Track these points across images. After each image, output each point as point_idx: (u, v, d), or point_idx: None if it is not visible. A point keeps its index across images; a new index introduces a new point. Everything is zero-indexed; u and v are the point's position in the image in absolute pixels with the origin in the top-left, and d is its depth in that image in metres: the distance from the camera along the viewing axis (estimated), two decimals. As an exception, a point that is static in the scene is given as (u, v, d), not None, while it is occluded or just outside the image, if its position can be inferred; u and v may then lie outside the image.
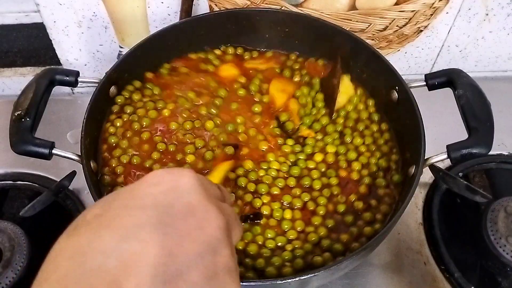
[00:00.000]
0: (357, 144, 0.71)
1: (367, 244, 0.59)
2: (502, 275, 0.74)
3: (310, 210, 0.65)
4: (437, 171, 0.71)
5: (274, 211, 0.65)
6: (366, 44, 0.74)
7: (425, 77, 0.70)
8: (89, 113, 0.67)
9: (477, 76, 0.69)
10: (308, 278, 0.54)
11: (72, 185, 0.72)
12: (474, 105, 0.64)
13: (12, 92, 0.99)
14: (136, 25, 0.88)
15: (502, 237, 0.71)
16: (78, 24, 0.88)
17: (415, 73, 1.01)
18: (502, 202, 0.74)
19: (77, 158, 0.64)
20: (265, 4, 0.84)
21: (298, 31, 0.80)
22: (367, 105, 0.76)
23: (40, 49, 0.94)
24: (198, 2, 0.87)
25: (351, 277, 0.73)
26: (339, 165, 0.70)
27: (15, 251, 0.70)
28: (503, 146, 0.88)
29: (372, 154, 0.70)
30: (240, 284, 0.37)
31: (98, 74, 0.80)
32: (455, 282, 0.72)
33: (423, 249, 0.77)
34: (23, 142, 0.62)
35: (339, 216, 0.65)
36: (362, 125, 0.73)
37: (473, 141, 0.62)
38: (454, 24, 0.91)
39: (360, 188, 0.67)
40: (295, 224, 0.64)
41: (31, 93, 0.65)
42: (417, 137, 0.64)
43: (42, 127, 0.66)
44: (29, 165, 0.84)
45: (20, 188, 0.84)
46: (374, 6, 0.83)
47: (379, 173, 0.69)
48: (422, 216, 0.80)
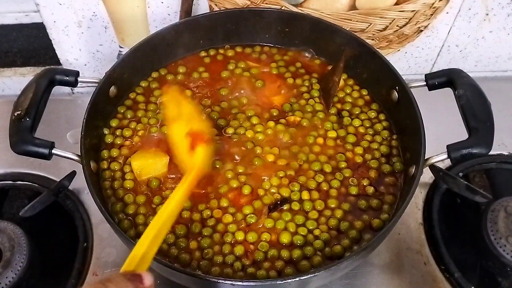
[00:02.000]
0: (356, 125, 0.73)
1: (367, 244, 0.59)
2: (502, 275, 0.74)
3: (324, 191, 0.67)
4: (437, 171, 0.71)
5: (292, 193, 0.66)
6: (366, 44, 0.74)
7: (425, 77, 0.70)
8: (89, 113, 0.67)
9: (477, 76, 0.69)
10: (308, 278, 0.54)
11: (72, 185, 0.72)
12: (474, 105, 0.64)
13: (12, 92, 0.99)
14: (136, 25, 0.88)
15: (502, 237, 0.71)
16: (78, 24, 0.88)
17: (415, 73, 1.01)
18: (502, 202, 0.74)
19: (77, 158, 0.64)
20: (265, 4, 0.83)
21: (298, 31, 0.80)
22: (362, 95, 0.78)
23: (40, 49, 0.94)
24: (198, 2, 0.87)
25: (351, 277, 0.73)
26: (346, 148, 0.71)
27: (15, 251, 0.70)
28: (503, 146, 0.88)
29: (373, 139, 0.72)
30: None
31: (98, 74, 0.80)
32: (455, 282, 0.72)
33: (423, 249, 0.76)
34: (23, 142, 0.62)
35: (353, 198, 0.66)
36: (358, 110, 0.75)
37: (473, 141, 0.62)
38: (454, 24, 0.91)
39: (370, 173, 0.69)
40: (315, 204, 0.65)
41: (31, 93, 0.65)
42: (417, 137, 0.64)
43: (42, 127, 0.66)
44: (29, 165, 0.84)
45: (20, 188, 0.84)
46: (374, 6, 0.83)
47: (381, 159, 0.70)
48: (422, 216, 0.80)
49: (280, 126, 0.73)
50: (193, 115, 0.69)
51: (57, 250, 0.78)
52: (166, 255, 0.62)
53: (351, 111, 0.75)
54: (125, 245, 0.62)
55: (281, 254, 0.61)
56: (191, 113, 0.69)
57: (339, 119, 0.74)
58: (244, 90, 0.77)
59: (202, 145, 0.64)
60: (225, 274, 0.60)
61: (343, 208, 0.65)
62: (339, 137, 0.72)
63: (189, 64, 0.81)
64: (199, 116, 0.71)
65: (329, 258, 0.61)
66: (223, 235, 0.63)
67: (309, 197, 0.66)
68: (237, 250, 0.62)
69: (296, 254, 0.61)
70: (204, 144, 0.65)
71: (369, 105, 0.76)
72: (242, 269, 0.61)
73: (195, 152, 0.64)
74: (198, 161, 0.63)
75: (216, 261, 0.61)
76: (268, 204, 0.65)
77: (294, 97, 0.77)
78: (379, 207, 0.66)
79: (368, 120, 0.74)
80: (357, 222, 0.64)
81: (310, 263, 0.60)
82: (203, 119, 0.71)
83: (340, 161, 0.70)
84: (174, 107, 0.71)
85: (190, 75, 0.79)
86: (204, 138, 0.65)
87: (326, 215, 0.65)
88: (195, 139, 0.65)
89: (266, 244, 0.62)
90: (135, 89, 0.77)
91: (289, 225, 0.63)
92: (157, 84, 0.78)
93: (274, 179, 0.67)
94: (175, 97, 0.73)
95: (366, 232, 0.64)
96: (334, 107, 0.75)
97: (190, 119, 0.68)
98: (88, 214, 0.79)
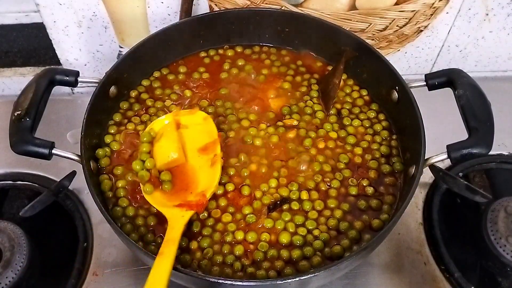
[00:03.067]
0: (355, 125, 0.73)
1: (367, 244, 0.59)
2: (502, 275, 0.74)
3: (323, 191, 0.67)
4: (437, 171, 0.71)
5: (291, 193, 0.66)
6: (366, 44, 0.74)
7: (425, 77, 0.70)
8: (89, 113, 0.67)
9: (477, 76, 0.69)
10: (308, 278, 0.54)
11: (72, 185, 0.72)
12: (474, 105, 0.64)
13: (12, 92, 0.99)
14: (136, 25, 0.88)
15: (502, 237, 0.71)
16: (78, 24, 0.88)
17: (415, 73, 1.01)
18: (502, 202, 0.74)
19: (77, 158, 0.64)
20: (265, 4, 0.84)
21: (298, 31, 0.80)
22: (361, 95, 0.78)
23: (40, 49, 0.94)
24: (198, 2, 0.87)
25: (351, 277, 0.73)
26: (345, 149, 0.71)
27: (15, 251, 0.70)
28: (503, 146, 0.88)
29: (373, 140, 0.72)
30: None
31: (98, 74, 0.80)
32: (455, 282, 0.72)
33: (423, 249, 0.76)
34: (23, 142, 0.62)
35: (353, 198, 0.66)
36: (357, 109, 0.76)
37: (473, 141, 0.62)
38: (454, 24, 0.91)
39: (370, 173, 0.69)
40: (315, 204, 0.65)
41: (31, 93, 0.65)
42: (417, 137, 0.64)
43: (42, 127, 0.66)
44: (29, 165, 0.84)
45: (20, 188, 0.84)
46: (374, 6, 0.83)
47: (381, 159, 0.70)
48: (422, 216, 0.80)
49: (280, 129, 0.72)
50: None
51: (57, 250, 0.78)
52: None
53: (351, 111, 0.75)
54: (125, 245, 0.62)
55: (281, 254, 0.61)
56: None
57: (339, 119, 0.74)
58: (243, 90, 0.77)
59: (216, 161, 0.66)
60: (225, 274, 0.60)
61: (343, 208, 0.65)
62: (339, 137, 0.72)
63: (189, 64, 0.81)
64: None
65: (328, 258, 0.61)
66: (223, 235, 0.63)
67: (308, 197, 0.66)
68: (237, 250, 0.62)
69: (295, 254, 0.61)
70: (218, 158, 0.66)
71: (369, 105, 0.76)
72: (242, 269, 0.61)
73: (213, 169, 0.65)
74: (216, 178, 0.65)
75: (216, 260, 0.61)
76: (268, 204, 0.65)
77: (294, 99, 0.76)
78: (379, 207, 0.66)
79: (368, 120, 0.74)
80: (357, 222, 0.64)
81: (310, 263, 0.60)
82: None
83: (340, 162, 0.70)
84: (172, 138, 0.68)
85: (190, 75, 0.79)
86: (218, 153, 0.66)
87: (325, 215, 0.65)
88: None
89: (265, 244, 0.62)
90: (136, 88, 0.77)
91: (289, 225, 0.63)
92: (159, 84, 0.78)
93: (272, 181, 0.67)
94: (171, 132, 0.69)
95: (365, 232, 0.64)
96: (334, 108, 0.75)
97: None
98: (88, 214, 0.79)
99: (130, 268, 0.74)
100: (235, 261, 0.61)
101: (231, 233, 0.63)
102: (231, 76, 0.79)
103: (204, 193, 0.63)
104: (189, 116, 0.71)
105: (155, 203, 0.64)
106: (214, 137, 0.68)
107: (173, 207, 0.62)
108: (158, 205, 0.63)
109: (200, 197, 0.63)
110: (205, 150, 0.67)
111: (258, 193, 0.66)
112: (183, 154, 0.66)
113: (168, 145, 0.66)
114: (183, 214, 0.61)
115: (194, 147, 0.68)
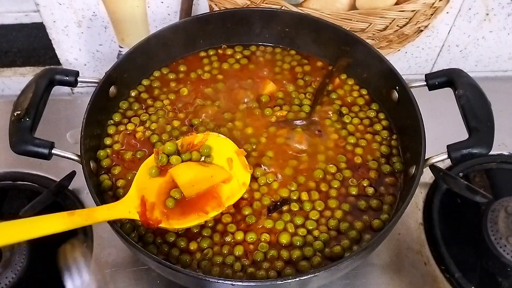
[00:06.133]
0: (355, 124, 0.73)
1: (367, 244, 0.59)
2: (502, 275, 0.73)
3: (324, 192, 0.67)
4: (438, 171, 0.71)
5: (291, 193, 0.66)
6: (366, 44, 0.74)
7: (425, 77, 0.70)
8: (89, 113, 0.67)
9: (477, 76, 0.69)
10: (308, 278, 0.54)
11: (72, 185, 0.72)
12: (474, 105, 0.64)
13: (12, 92, 0.99)
14: (136, 25, 0.88)
15: (502, 237, 0.71)
16: (77, 24, 0.88)
17: (415, 73, 1.01)
18: (503, 202, 0.74)
19: (77, 158, 0.64)
20: (265, 4, 0.84)
21: (298, 31, 0.80)
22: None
23: (40, 49, 0.93)
24: (198, 2, 0.87)
25: (351, 277, 0.73)
26: (346, 149, 0.71)
27: (15, 251, 0.70)
28: (503, 146, 0.88)
29: (373, 139, 0.72)
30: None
31: (98, 74, 0.80)
32: (455, 282, 0.72)
33: (423, 249, 0.76)
34: (23, 142, 0.62)
35: (353, 198, 0.66)
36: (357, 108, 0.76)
37: (474, 141, 0.62)
38: (455, 24, 0.91)
39: (370, 174, 0.68)
40: (315, 204, 0.65)
41: (31, 93, 0.65)
42: (418, 137, 0.64)
43: (42, 127, 0.66)
44: (29, 165, 0.84)
45: (20, 188, 0.84)
46: (374, 6, 0.83)
47: (381, 159, 0.70)
48: (422, 216, 0.80)
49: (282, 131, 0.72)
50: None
51: (57, 250, 0.78)
52: (167, 255, 0.62)
53: (351, 110, 0.75)
54: (125, 245, 0.62)
55: (281, 255, 0.61)
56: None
57: (339, 118, 0.74)
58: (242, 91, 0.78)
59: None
60: (225, 275, 0.60)
61: (343, 209, 0.65)
62: (340, 137, 0.72)
63: (189, 64, 0.81)
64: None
65: (329, 258, 0.61)
66: (222, 235, 0.63)
67: (309, 197, 0.66)
68: (237, 250, 0.62)
69: (295, 254, 0.61)
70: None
71: (369, 105, 0.76)
72: (242, 269, 0.61)
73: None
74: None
75: (216, 261, 0.61)
76: (268, 205, 0.65)
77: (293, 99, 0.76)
78: (379, 207, 0.66)
79: (368, 120, 0.74)
80: (357, 223, 0.64)
81: (310, 264, 0.60)
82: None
83: (340, 162, 0.70)
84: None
85: (189, 75, 0.79)
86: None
87: (326, 215, 0.65)
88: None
89: (265, 244, 0.62)
90: (136, 88, 0.77)
91: (289, 226, 0.63)
92: (158, 83, 0.78)
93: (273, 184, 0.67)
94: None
95: (366, 232, 0.64)
96: (333, 107, 0.75)
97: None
98: (88, 214, 0.79)
99: (130, 268, 0.74)
100: (235, 261, 0.61)
101: (230, 234, 0.63)
102: (228, 76, 0.79)
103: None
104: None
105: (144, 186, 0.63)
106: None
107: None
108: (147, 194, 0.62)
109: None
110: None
111: (257, 194, 0.66)
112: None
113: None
114: (130, 211, 0.60)
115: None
